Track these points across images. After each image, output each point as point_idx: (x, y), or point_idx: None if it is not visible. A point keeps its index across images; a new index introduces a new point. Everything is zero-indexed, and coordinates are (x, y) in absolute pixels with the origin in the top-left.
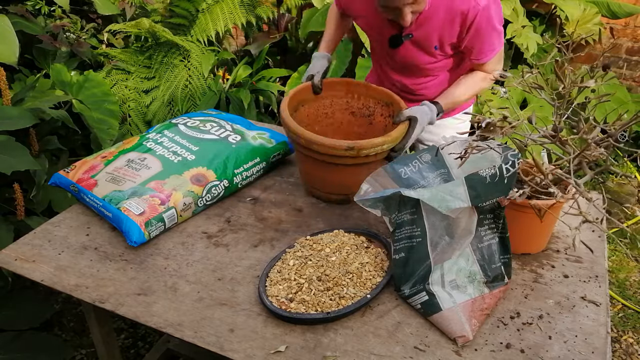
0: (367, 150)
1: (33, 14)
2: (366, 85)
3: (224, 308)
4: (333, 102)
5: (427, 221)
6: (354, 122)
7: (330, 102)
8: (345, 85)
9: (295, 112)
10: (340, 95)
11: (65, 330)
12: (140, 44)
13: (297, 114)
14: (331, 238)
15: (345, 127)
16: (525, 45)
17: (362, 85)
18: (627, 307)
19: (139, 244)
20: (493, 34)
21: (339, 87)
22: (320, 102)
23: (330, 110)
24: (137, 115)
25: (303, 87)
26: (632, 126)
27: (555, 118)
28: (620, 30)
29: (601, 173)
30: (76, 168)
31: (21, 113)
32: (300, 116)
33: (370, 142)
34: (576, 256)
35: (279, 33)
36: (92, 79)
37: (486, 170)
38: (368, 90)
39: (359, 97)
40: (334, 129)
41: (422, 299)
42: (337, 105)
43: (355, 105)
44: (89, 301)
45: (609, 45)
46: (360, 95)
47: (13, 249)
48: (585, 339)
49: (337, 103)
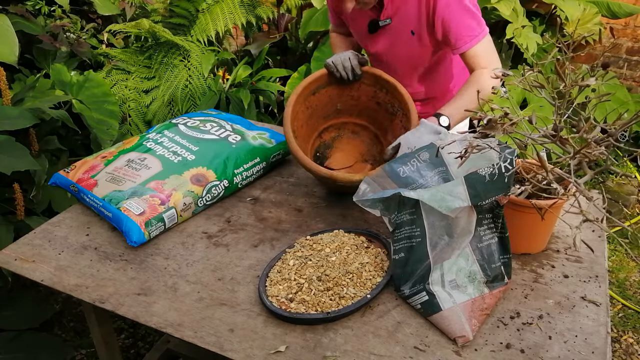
0: (343, 182)
1: (33, 14)
2: (395, 85)
3: (224, 308)
4: (360, 87)
5: (426, 221)
6: (379, 111)
7: (358, 85)
8: (374, 76)
9: (312, 95)
10: (369, 83)
11: (65, 330)
12: (140, 44)
13: (315, 95)
14: (331, 238)
15: (370, 111)
16: (525, 45)
17: (391, 83)
18: (627, 307)
19: (139, 244)
20: (465, 15)
21: (369, 75)
22: (347, 86)
23: (357, 94)
24: (137, 115)
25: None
26: (632, 126)
27: (555, 117)
28: (620, 30)
29: (601, 173)
30: (76, 168)
31: (21, 113)
32: (320, 97)
33: (349, 178)
34: (576, 256)
35: (279, 33)
36: (92, 79)
37: (485, 169)
38: (395, 90)
39: (387, 93)
40: (359, 109)
41: (422, 299)
42: (364, 91)
43: (382, 98)
44: (89, 301)
45: (609, 45)
46: (387, 91)
47: (13, 249)
48: (585, 339)
49: (364, 89)
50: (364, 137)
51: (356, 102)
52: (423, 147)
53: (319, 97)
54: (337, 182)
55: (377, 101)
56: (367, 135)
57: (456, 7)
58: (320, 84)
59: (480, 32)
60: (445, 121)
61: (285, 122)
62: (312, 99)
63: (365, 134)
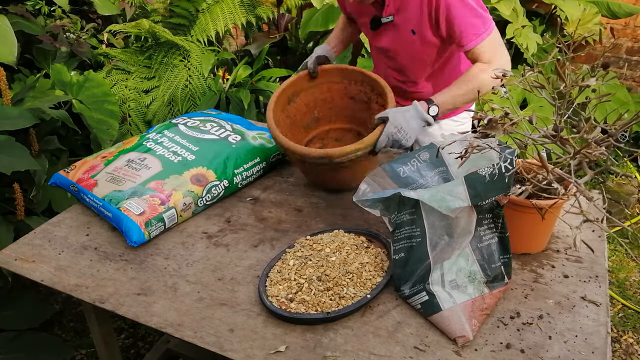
0: (340, 158)
1: (33, 14)
2: (362, 72)
3: (224, 308)
4: (331, 88)
5: (426, 221)
6: (355, 106)
7: (328, 87)
8: (340, 71)
9: (289, 104)
10: (337, 80)
11: (65, 330)
12: (140, 44)
13: (292, 105)
14: (331, 238)
15: (346, 111)
16: (525, 45)
17: (358, 72)
18: (627, 307)
19: (139, 244)
20: (468, 14)
21: (335, 72)
22: (317, 89)
23: (329, 96)
24: (137, 115)
25: (293, 80)
26: (632, 126)
27: (555, 117)
28: (620, 30)
29: (601, 173)
30: (76, 168)
31: (21, 113)
32: (297, 106)
33: (341, 151)
34: (576, 256)
35: (279, 33)
36: (92, 79)
37: (485, 169)
38: (364, 77)
39: (356, 83)
40: (336, 112)
41: (422, 299)
42: (335, 91)
43: (353, 90)
44: (89, 301)
45: (609, 44)
46: (357, 81)
47: (13, 249)
48: (585, 339)
49: (334, 89)
50: (348, 140)
51: (331, 105)
52: (423, 147)
53: (297, 107)
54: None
55: (350, 96)
56: (350, 138)
57: (459, 7)
58: (296, 89)
59: (485, 30)
60: (434, 110)
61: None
62: (290, 109)
63: (348, 137)
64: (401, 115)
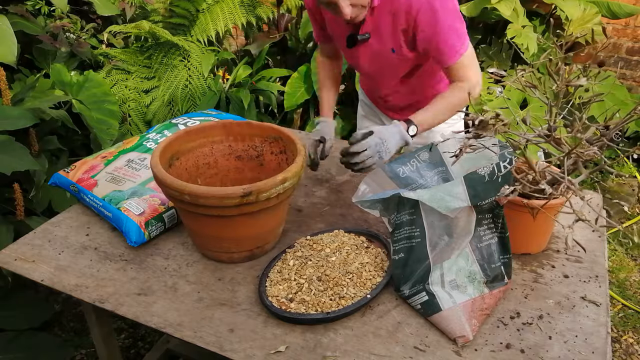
0: (268, 192)
1: (33, 14)
2: (248, 124)
3: (224, 308)
4: (213, 149)
5: (426, 221)
6: (243, 167)
7: (210, 149)
8: (222, 127)
9: (169, 167)
10: (220, 139)
11: (65, 330)
12: (140, 44)
13: (172, 169)
14: (331, 238)
15: (233, 174)
16: (525, 45)
17: (243, 124)
18: (627, 307)
19: (139, 244)
20: (446, 34)
21: (216, 130)
22: (199, 152)
23: (212, 159)
24: (137, 115)
25: (173, 138)
26: (630, 125)
27: (549, 117)
28: (620, 30)
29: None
30: (76, 168)
31: (21, 113)
32: (177, 171)
33: (269, 183)
34: (576, 256)
35: (279, 33)
36: (92, 79)
37: (484, 169)
38: (250, 128)
39: (242, 138)
40: (221, 178)
41: (422, 299)
42: (219, 152)
43: (239, 147)
44: (89, 301)
45: (607, 43)
46: (242, 136)
47: (13, 249)
48: (586, 339)
49: (217, 149)
50: None
51: (215, 171)
52: (423, 147)
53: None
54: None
55: (236, 155)
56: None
57: (437, 27)
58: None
59: (461, 47)
60: (413, 130)
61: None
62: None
63: None
64: (385, 129)
